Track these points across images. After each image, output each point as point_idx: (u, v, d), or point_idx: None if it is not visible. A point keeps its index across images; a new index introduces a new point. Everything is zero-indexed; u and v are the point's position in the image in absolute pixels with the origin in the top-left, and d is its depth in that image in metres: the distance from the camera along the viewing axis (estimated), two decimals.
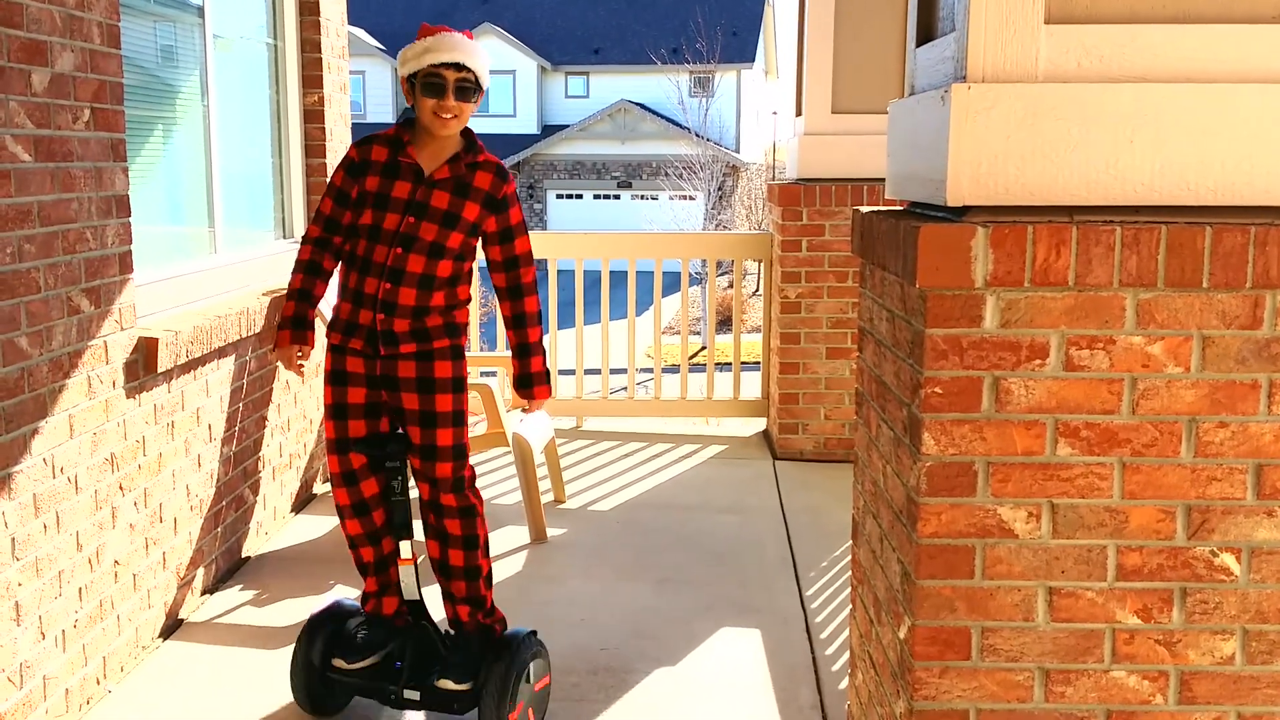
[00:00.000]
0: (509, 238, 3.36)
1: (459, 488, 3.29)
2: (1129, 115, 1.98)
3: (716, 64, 33.30)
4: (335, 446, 3.33)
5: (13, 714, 2.95)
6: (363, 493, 3.34)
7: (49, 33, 3.06)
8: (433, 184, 3.25)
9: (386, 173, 3.26)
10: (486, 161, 3.33)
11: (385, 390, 3.27)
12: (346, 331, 3.26)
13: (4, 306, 2.88)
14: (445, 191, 3.25)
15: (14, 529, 2.94)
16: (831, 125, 5.86)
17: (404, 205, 3.23)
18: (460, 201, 3.26)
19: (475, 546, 3.33)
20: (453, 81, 3.18)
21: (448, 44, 3.19)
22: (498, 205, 3.31)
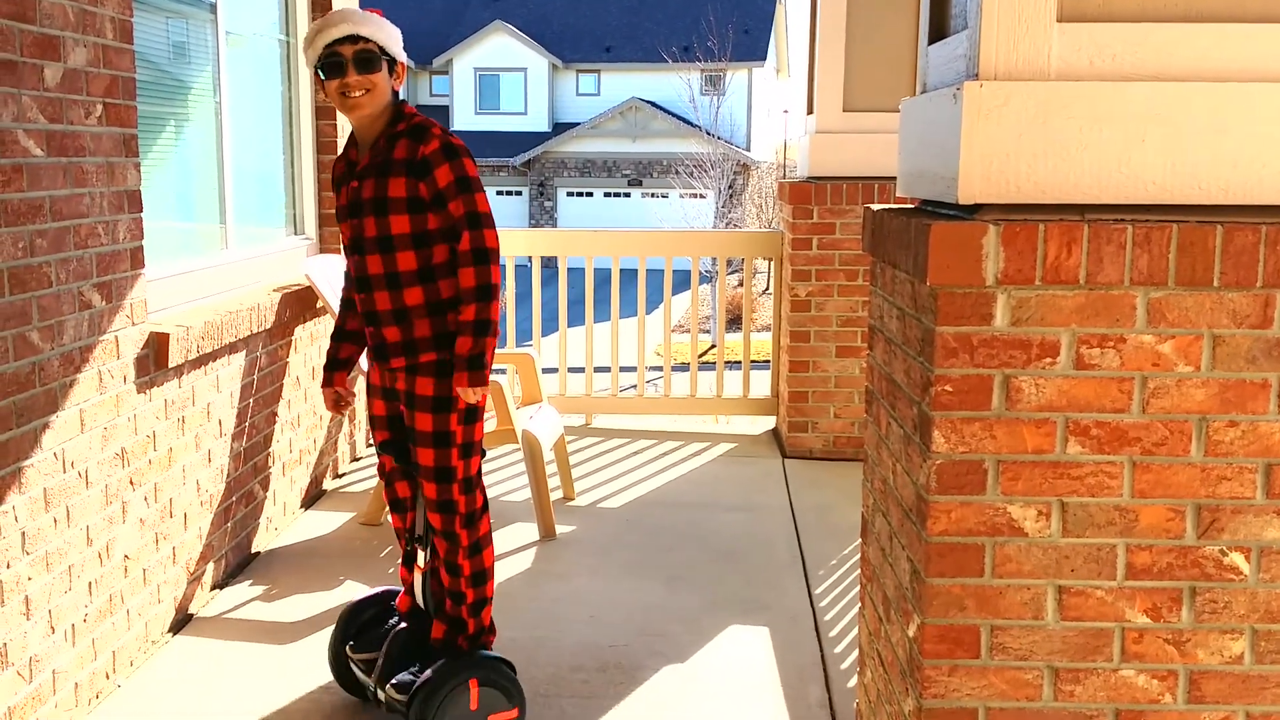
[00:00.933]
0: (441, 202, 3.03)
1: (445, 510, 3.18)
2: (1141, 114, 1.98)
3: (728, 62, 33.25)
4: (378, 449, 3.42)
5: (22, 708, 2.96)
6: (397, 492, 3.41)
7: (61, 28, 3.07)
8: (360, 174, 3.11)
9: (344, 180, 3.20)
10: (406, 129, 3.07)
11: (404, 404, 3.23)
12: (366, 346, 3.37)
13: (15, 301, 2.89)
14: (370, 177, 3.08)
15: (24, 523, 2.95)
16: (843, 123, 5.86)
17: (347, 209, 3.15)
18: (384, 182, 3.04)
19: (457, 574, 3.22)
20: (351, 55, 3.02)
21: (336, 18, 3.05)
22: (420, 169, 3.01)
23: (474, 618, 3.27)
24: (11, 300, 2.87)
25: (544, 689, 3.44)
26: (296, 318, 4.90)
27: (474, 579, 3.24)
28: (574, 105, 38.63)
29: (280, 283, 4.89)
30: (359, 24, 3.04)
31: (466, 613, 3.26)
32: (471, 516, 3.22)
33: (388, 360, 3.17)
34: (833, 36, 5.81)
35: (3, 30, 2.81)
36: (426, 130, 3.06)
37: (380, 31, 3.08)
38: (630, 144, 37.06)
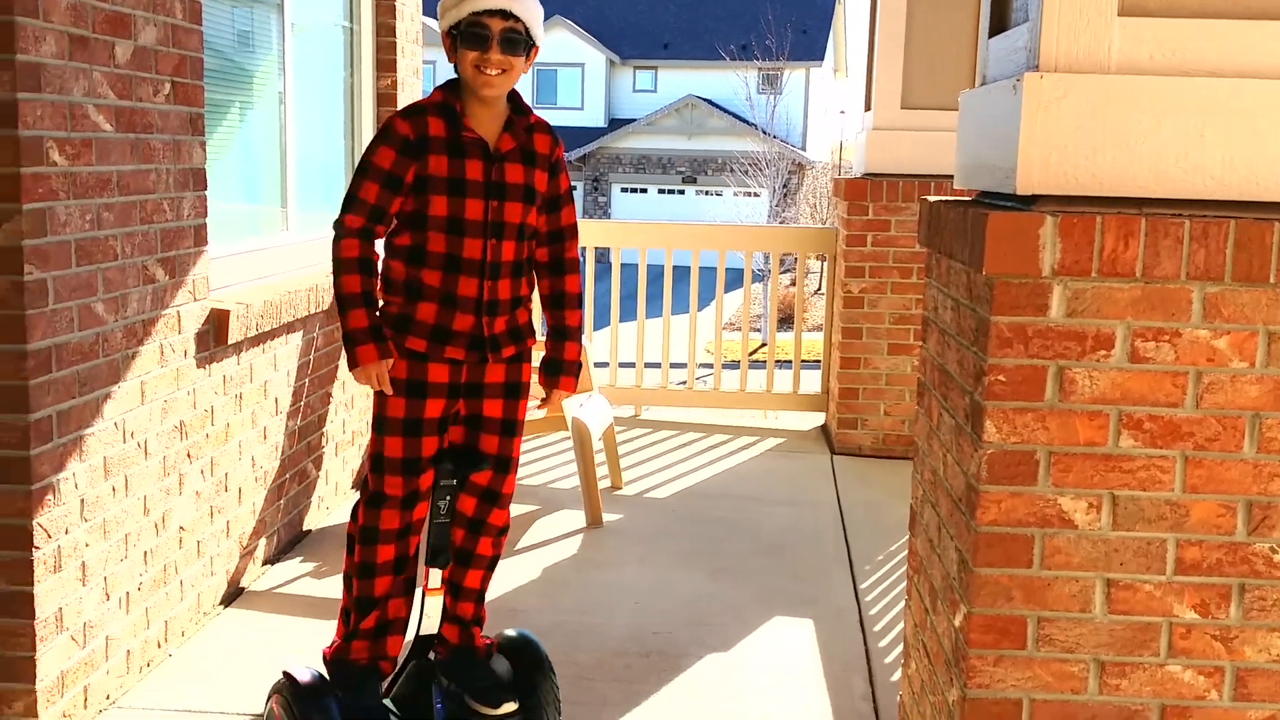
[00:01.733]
0: (557, 206, 3.04)
1: (506, 504, 3.10)
2: (1200, 109, 1.96)
3: (785, 61, 33.15)
4: (404, 467, 2.93)
5: (74, 672, 3.04)
6: (412, 516, 2.99)
7: (133, 6, 3.14)
8: (503, 158, 2.90)
9: (451, 150, 2.85)
10: (540, 123, 3.01)
11: (465, 399, 3.00)
12: (436, 338, 2.90)
13: (82, 272, 2.96)
14: (516, 164, 2.92)
15: (84, 490, 3.03)
16: (901, 120, 5.83)
17: (483, 188, 2.87)
18: (530, 171, 2.94)
19: (494, 567, 3.16)
20: (498, 32, 2.80)
21: None
22: (554, 170, 3.02)
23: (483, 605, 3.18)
24: (78, 272, 2.94)
25: (587, 673, 3.47)
26: None
27: (493, 564, 3.16)
28: (631, 101, 38.70)
29: None
30: (514, 1, 2.81)
31: (483, 609, 3.17)
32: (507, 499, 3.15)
33: (499, 350, 2.96)
34: (892, 33, 5.79)
35: (77, 7, 2.88)
36: (554, 131, 3.06)
37: (531, 11, 2.86)
38: (686, 141, 37.06)
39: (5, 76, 2.66)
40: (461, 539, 3.08)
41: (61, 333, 2.88)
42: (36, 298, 2.77)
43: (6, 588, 2.84)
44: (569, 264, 3.08)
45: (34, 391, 2.78)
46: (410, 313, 2.91)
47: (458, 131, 2.86)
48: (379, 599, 3.00)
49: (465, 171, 2.85)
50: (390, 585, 3.01)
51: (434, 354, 2.91)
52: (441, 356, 2.91)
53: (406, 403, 2.92)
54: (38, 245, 2.76)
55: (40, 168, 2.76)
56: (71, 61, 2.87)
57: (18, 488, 2.80)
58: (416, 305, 2.90)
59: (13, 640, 2.85)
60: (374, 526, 2.96)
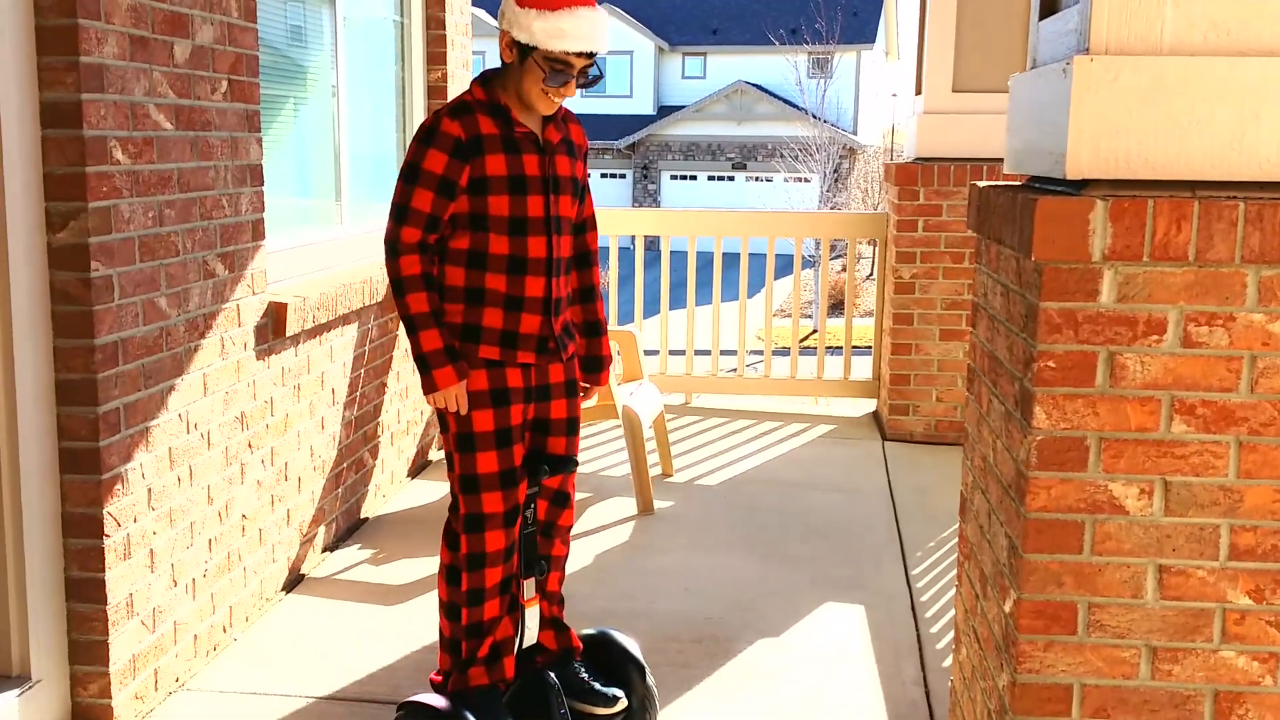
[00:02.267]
0: (584, 194, 3.01)
1: (573, 504, 3.11)
2: (1255, 89, 1.94)
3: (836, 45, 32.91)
4: (503, 480, 2.82)
5: (145, 655, 3.12)
6: (515, 534, 2.90)
7: (191, 6, 3.21)
8: (554, 149, 2.85)
9: (508, 147, 2.77)
10: (569, 112, 2.96)
11: (536, 402, 2.95)
12: (507, 344, 2.82)
13: (145, 268, 3.04)
14: (564, 155, 2.88)
15: (150, 480, 3.11)
16: (952, 104, 5.79)
17: (542, 183, 2.80)
18: (574, 162, 2.91)
19: (562, 568, 3.14)
20: (580, 69, 2.73)
21: (586, 29, 2.67)
22: (584, 157, 3.02)
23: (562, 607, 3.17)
24: (142, 267, 3.02)
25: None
26: None
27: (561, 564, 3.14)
28: (679, 88, 38.62)
29: None
30: (602, 41, 2.71)
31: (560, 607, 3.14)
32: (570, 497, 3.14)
33: (565, 350, 2.92)
34: (943, 16, 5.74)
35: (137, 8, 2.95)
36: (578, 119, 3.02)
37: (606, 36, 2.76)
38: (735, 127, 36.93)
39: (70, 78, 2.73)
40: (539, 545, 3.06)
41: (127, 327, 2.96)
42: (103, 293, 2.85)
43: (80, 574, 2.92)
44: (594, 255, 3.06)
45: (102, 384, 2.86)
46: (477, 320, 2.81)
47: (510, 127, 2.78)
48: (489, 623, 2.92)
49: (524, 168, 2.77)
50: (499, 608, 2.93)
51: (508, 359, 2.82)
52: (515, 361, 2.83)
53: (494, 413, 2.82)
54: (103, 242, 2.84)
55: (104, 166, 2.83)
56: (132, 62, 2.94)
57: (89, 478, 2.88)
58: (482, 311, 2.81)
59: (86, 625, 2.95)
60: (481, 551, 2.85)
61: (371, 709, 3.21)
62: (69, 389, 2.86)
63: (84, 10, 2.73)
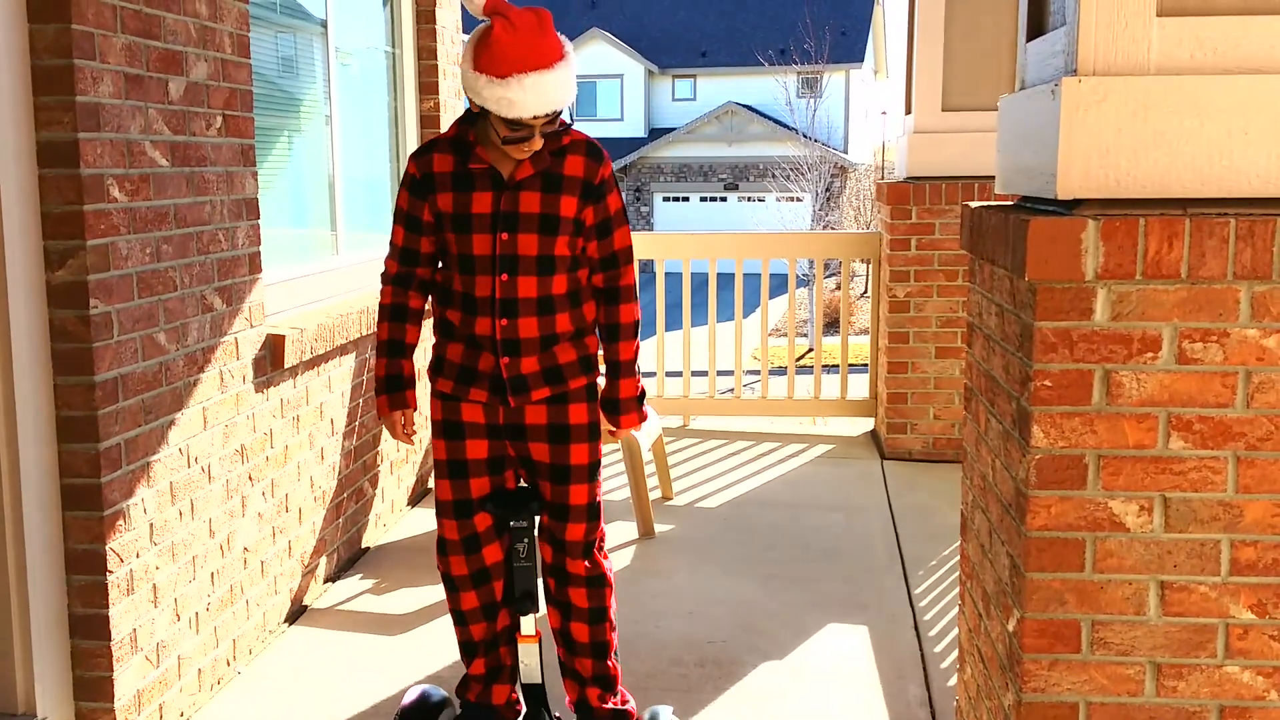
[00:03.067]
0: (606, 231, 2.82)
1: (588, 552, 2.93)
2: (1243, 107, 1.97)
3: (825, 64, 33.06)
4: (455, 510, 2.88)
5: (150, 690, 3.12)
6: (484, 560, 2.93)
7: (185, 43, 3.23)
8: (518, 185, 2.72)
9: (458, 185, 2.74)
10: (574, 142, 2.76)
11: (510, 441, 2.88)
12: (462, 379, 2.83)
13: (144, 304, 3.05)
14: (535, 191, 2.72)
15: (152, 515, 3.11)
16: (941, 123, 5.83)
17: (490, 220, 2.72)
18: (554, 198, 2.72)
19: (603, 619, 2.98)
20: (540, 125, 2.63)
21: (534, 98, 2.55)
22: (594, 192, 2.76)
23: (618, 665, 3.07)
24: (140, 303, 3.03)
25: (643, 682, 3.50)
26: None
27: (613, 621, 3.03)
28: (670, 110, 38.77)
29: None
30: (559, 99, 2.59)
31: (611, 664, 3.03)
32: (603, 545, 3.01)
33: (527, 392, 2.80)
34: (931, 35, 5.79)
35: (131, 46, 2.97)
36: (601, 150, 2.82)
37: (571, 89, 2.62)
38: (726, 148, 37.06)
39: (66, 118, 2.75)
40: (555, 589, 2.99)
41: (127, 363, 2.97)
42: (102, 330, 2.86)
43: (84, 610, 2.92)
44: (622, 292, 2.87)
45: (103, 421, 2.87)
46: (442, 353, 2.88)
47: (465, 164, 2.75)
48: (479, 644, 3.01)
49: (471, 205, 2.74)
50: (485, 632, 2.99)
51: (460, 394, 2.84)
52: (467, 397, 2.84)
53: (446, 444, 2.88)
54: (101, 279, 2.85)
55: (102, 204, 2.85)
56: (128, 100, 2.96)
57: (91, 514, 2.88)
58: (446, 345, 2.87)
59: (91, 661, 2.94)
60: (447, 573, 2.96)
61: None
62: (70, 426, 2.86)
63: (80, 50, 2.75)
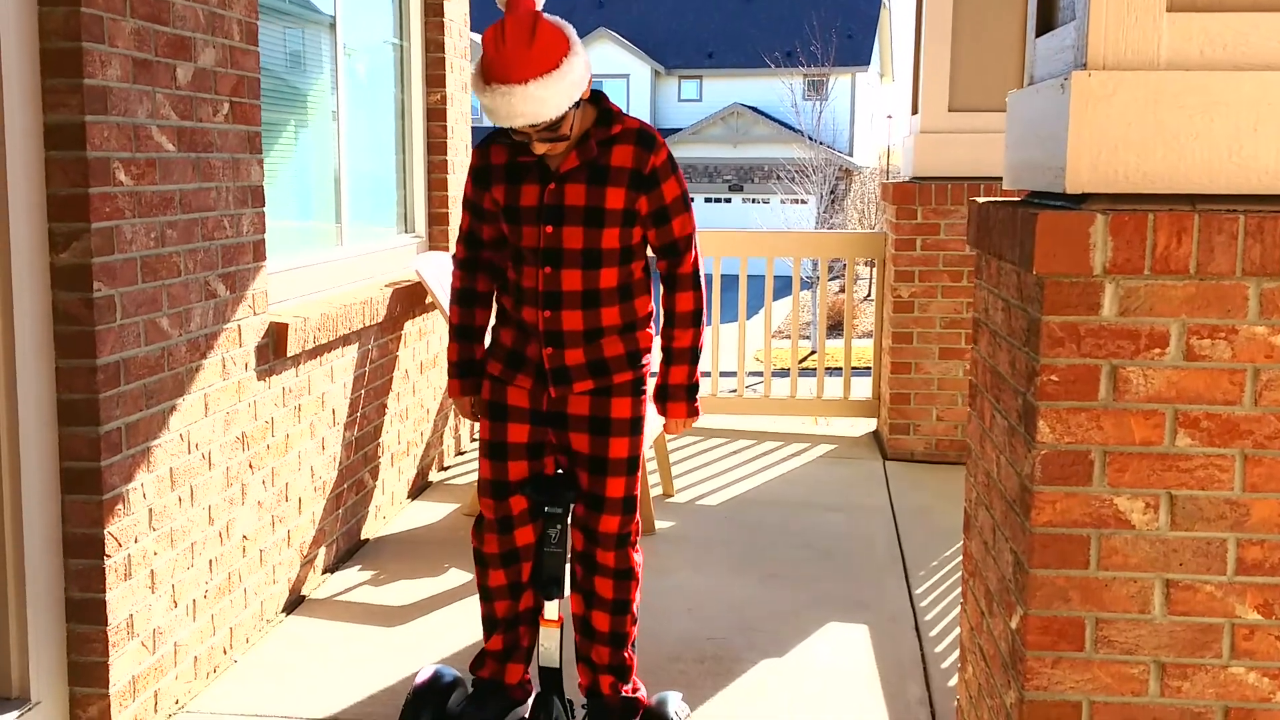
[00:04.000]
0: (664, 219, 2.80)
1: (621, 544, 2.95)
2: (1253, 103, 1.96)
3: (831, 67, 33.08)
4: (493, 490, 2.93)
5: (145, 677, 3.11)
6: (515, 541, 2.99)
7: (193, 29, 3.22)
8: (562, 178, 2.74)
9: (510, 177, 2.80)
10: (625, 131, 2.76)
11: (552, 429, 2.91)
12: (510, 364, 2.90)
13: (147, 288, 3.04)
14: (579, 183, 2.73)
15: (151, 500, 3.10)
16: (948, 123, 5.82)
17: (536, 213, 2.76)
18: (600, 190, 2.72)
19: (625, 612, 3.00)
20: (534, 135, 2.66)
21: (503, 109, 2.58)
22: (646, 182, 2.75)
23: (634, 656, 3.11)
24: (144, 288, 3.02)
25: (642, 679, 3.48)
26: (406, 313, 5.04)
27: (635, 614, 3.06)
28: (676, 111, 38.79)
29: (391, 279, 5.02)
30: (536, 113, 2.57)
31: (629, 654, 3.06)
32: (637, 539, 3.03)
33: (569, 384, 2.83)
34: (938, 35, 5.77)
35: (140, 31, 2.96)
36: (654, 138, 2.78)
37: (555, 103, 2.58)
38: (732, 150, 37.07)
39: (74, 100, 2.74)
40: (581, 576, 3.02)
41: (129, 347, 2.96)
42: (105, 314, 2.85)
43: (80, 595, 2.91)
44: (681, 280, 2.86)
45: (104, 404, 2.86)
46: (497, 336, 2.96)
47: (516, 156, 2.80)
48: (500, 621, 3.07)
49: (520, 198, 2.79)
50: (508, 610, 3.05)
51: (507, 378, 2.91)
52: (513, 381, 2.90)
53: (490, 425, 2.95)
54: (105, 263, 2.84)
55: (107, 188, 2.84)
56: (136, 84, 2.95)
57: (90, 498, 2.87)
58: (501, 329, 2.95)
59: (86, 646, 2.93)
60: (479, 550, 3.04)
61: None
62: (71, 409, 2.85)
63: (88, 34, 2.75)
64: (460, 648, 3.71)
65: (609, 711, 3.03)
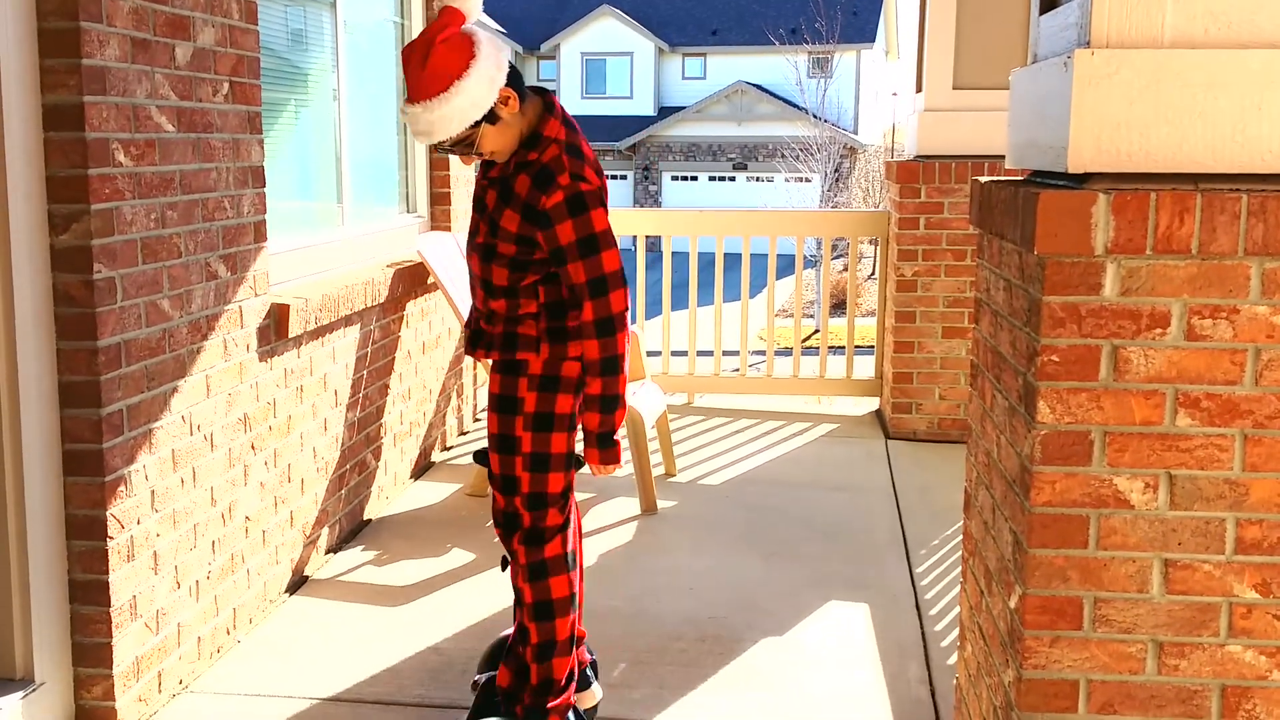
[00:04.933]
0: (560, 259, 2.72)
1: (531, 540, 2.87)
2: (1256, 81, 1.94)
3: (836, 44, 32.91)
4: None
5: (149, 657, 3.12)
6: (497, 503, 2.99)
7: (192, 8, 3.21)
8: (493, 181, 2.84)
9: (485, 166, 2.92)
10: (533, 163, 2.72)
11: None
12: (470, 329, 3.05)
13: (148, 270, 3.03)
14: (495, 191, 2.81)
15: (154, 482, 3.11)
16: (952, 101, 5.79)
17: (475, 201, 2.93)
18: (502, 207, 2.77)
19: (519, 601, 2.94)
20: (448, 148, 2.75)
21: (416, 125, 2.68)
22: (539, 219, 2.69)
23: (538, 663, 2.91)
24: (144, 269, 3.02)
25: (644, 657, 3.50)
26: (408, 293, 5.03)
27: (535, 610, 2.90)
28: (680, 89, 38.62)
29: (393, 259, 5.02)
30: (428, 131, 2.66)
31: (531, 656, 2.92)
32: (554, 537, 2.90)
33: (487, 347, 2.90)
34: (943, 13, 5.74)
35: (139, 10, 2.95)
36: (552, 178, 2.69)
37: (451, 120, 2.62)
38: (736, 128, 36.93)
39: (72, 81, 2.73)
40: None
41: (130, 329, 2.96)
42: (105, 295, 2.85)
43: (83, 576, 2.92)
44: (584, 327, 2.74)
45: (105, 386, 2.86)
46: None
47: None
48: None
49: (478, 189, 2.92)
50: None
51: None
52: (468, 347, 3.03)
53: None
54: (106, 244, 2.84)
55: (106, 169, 2.83)
56: (134, 64, 2.94)
57: (92, 480, 2.88)
58: None
59: (90, 627, 2.94)
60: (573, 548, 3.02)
61: (375, 710, 3.21)
62: (72, 391, 2.86)
63: (86, 13, 2.73)
64: (463, 627, 3.72)
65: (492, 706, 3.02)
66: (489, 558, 4.31)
